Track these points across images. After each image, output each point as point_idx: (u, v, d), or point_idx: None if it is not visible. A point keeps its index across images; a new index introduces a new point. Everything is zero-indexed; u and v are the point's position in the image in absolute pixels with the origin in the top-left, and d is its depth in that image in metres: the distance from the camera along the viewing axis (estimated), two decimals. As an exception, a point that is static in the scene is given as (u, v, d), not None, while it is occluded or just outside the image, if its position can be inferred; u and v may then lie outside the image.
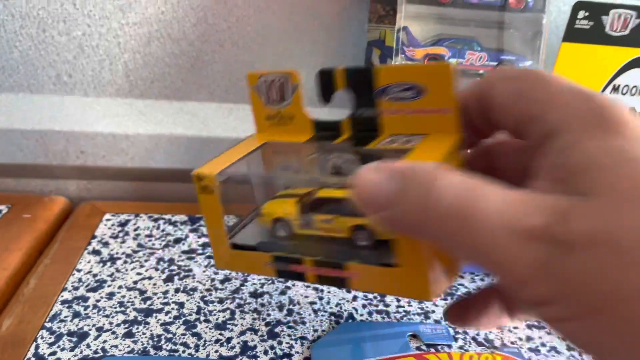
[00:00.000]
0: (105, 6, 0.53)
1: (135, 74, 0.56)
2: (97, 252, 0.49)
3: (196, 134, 0.57)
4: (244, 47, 0.56)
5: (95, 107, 0.57)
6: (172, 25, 0.55)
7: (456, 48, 0.46)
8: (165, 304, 0.43)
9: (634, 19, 0.47)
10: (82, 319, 0.41)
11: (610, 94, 0.50)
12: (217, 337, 0.40)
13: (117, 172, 0.59)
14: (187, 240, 0.52)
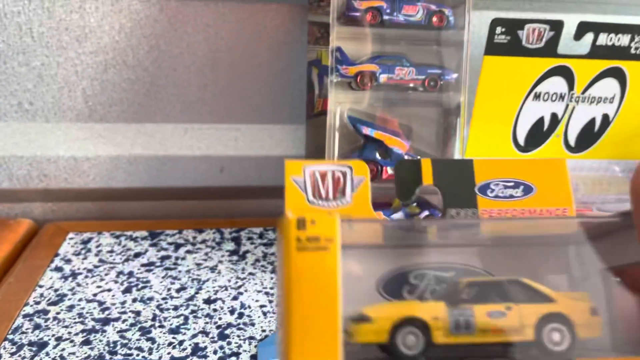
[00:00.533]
0: (62, 37, 0.57)
1: (94, 99, 0.60)
2: (60, 268, 0.52)
3: (154, 154, 0.61)
4: (196, 71, 0.60)
5: (56, 132, 0.60)
6: (127, 52, 0.58)
7: (386, 65, 0.50)
8: (122, 313, 0.46)
9: (547, 32, 0.51)
10: (43, 330, 0.43)
11: (533, 101, 0.55)
12: (171, 340, 0.43)
13: (79, 193, 0.62)
14: (146, 254, 0.55)
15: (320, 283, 0.19)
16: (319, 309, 0.19)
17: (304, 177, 0.24)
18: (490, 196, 0.24)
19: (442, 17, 0.50)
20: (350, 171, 0.24)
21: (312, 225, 0.19)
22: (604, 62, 0.54)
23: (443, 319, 0.21)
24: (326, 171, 0.24)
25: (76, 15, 0.56)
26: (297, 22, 0.58)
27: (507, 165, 0.25)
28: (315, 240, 0.19)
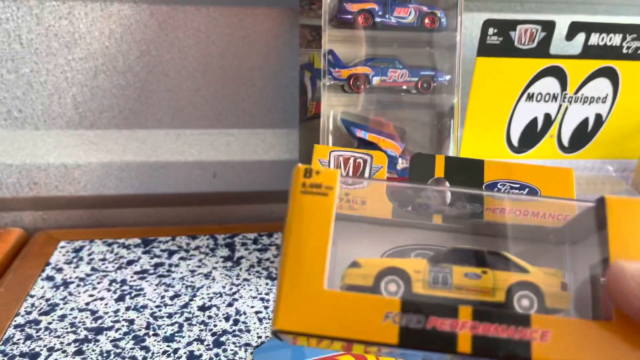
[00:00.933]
0: (51, 44, 0.56)
1: (84, 106, 0.59)
2: (51, 278, 0.51)
3: (145, 160, 0.60)
4: (188, 76, 0.59)
5: (46, 140, 0.59)
6: (117, 58, 0.58)
7: (379, 67, 0.50)
8: (115, 322, 0.45)
9: (539, 32, 0.51)
10: (34, 341, 0.43)
11: (526, 102, 0.55)
12: (165, 349, 0.42)
13: (70, 201, 0.61)
14: (139, 261, 0.54)
15: (317, 222, 0.22)
16: (313, 242, 0.22)
17: (329, 159, 0.28)
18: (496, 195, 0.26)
19: (434, 19, 0.50)
20: (371, 159, 0.28)
21: (316, 174, 0.22)
22: (596, 62, 0.54)
23: (423, 272, 0.24)
24: (349, 157, 0.28)
25: (65, 22, 0.55)
26: (289, 26, 0.58)
27: (515, 168, 0.26)
28: (317, 187, 0.22)
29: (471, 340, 0.21)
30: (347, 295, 0.21)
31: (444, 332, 0.21)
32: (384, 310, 0.21)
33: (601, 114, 0.57)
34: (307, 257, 0.22)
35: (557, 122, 0.56)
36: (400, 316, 0.21)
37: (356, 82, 0.49)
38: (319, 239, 0.22)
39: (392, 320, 0.21)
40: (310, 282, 0.21)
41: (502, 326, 0.21)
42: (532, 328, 0.21)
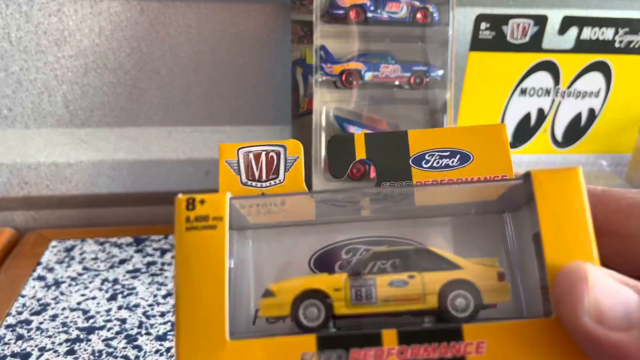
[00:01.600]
0: (40, 41, 0.55)
1: (75, 104, 0.58)
2: (42, 277, 0.50)
3: (137, 158, 0.60)
4: (179, 73, 0.59)
5: (37, 139, 0.59)
6: (108, 55, 0.57)
7: (371, 62, 0.50)
8: (107, 321, 0.45)
9: (532, 27, 0.51)
10: (26, 341, 0.42)
11: (519, 97, 0.55)
12: (158, 347, 0.42)
13: (62, 200, 0.61)
14: (131, 260, 0.54)
15: (208, 261, 0.19)
16: (207, 286, 0.19)
17: (237, 159, 0.25)
18: (425, 167, 0.24)
19: (426, 14, 0.50)
20: (284, 151, 0.25)
21: (200, 204, 0.20)
22: (588, 56, 0.54)
23: (344, 289, 0.21)
24: (260, 152, 0.25)
25: (55, 19, 0.55)
26: (280, 22, 0.58)
27: (443, 134, 0.24)
28: (204, 220, 0.19)
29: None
30: (254, 342, 0.19)
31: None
32: (298, 352, 0.19)
33: (594, 108, 0.57)
34: (203, 306, 0.19)
35: (550, 117, 0.56)
36: (317, 356, 0.19)
37: (348, 78, 0.49)
38: (213, 283, 0.19)
39: (310, 358, 0.19)
40: (211, 334, 0.19)
41: (432, 345, 0.19)
42: (465, 341, 0.19)
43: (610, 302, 0.17)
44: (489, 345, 0.19)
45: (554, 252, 0.19)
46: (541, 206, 0.20)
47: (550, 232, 0.19)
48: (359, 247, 0.25)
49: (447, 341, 0.19)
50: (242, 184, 0.24)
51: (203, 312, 0.19)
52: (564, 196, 0.20)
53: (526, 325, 0.19)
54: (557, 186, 0.20)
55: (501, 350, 0.19)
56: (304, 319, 0.21)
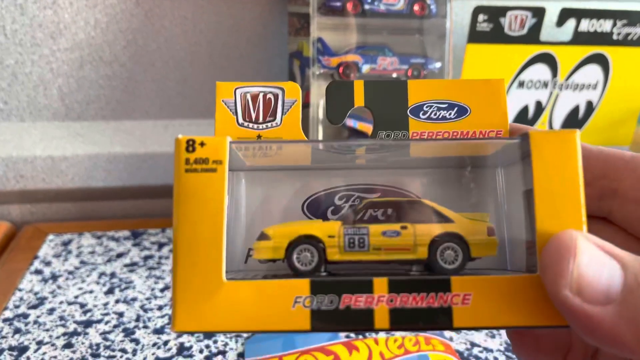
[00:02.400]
0: (35, 34, 0.55)
1: (70, 97, 0.58)
2: (39, 271, 0.50)
3: (134, 152, 0.59)
4: (175, 66, 0.58)
5: (32, 132, 0.58)
6: (103, 48, 0.57)
7: (369, 55, 0.49)
8: (105, 315, 0.45)
9: (530, 18, 0.51)
10: (23, 334, 0.42)
11: (517, 89, 0.54)
12: (155, 340, 0.42)
13: (58, 194, 0.61)
14: (129, 254, 0.53)
15: (207, 204, 0.19)
16: (205, 228, 0.19)
17: (234, 99, 0.24)
18: (422, 118, 0.24)
19: (423, 6, 0.49)
20: (282, 93, 0.24)
21: (201, 147, 0.19)
22: (586, 48, 0.54)
23: (338, 236, 0.22)
24: (258, 93, 0.24)
25: (50, 12, 0.55)
26: (277, 14, 0.57)
27: (442, 85, 0.24)
28: (203, 162, 0.19)
29: (389, 315, 0.20)
30: (250, 284, 0.20)
31: (359, 309, 0.20)
32: (292, 295, 0.20)
33: (592, 100, 0.56)
34: (200, 247, 0.19)
35: (548, 110, 0.56)
36: (310, 299, 0.19)
37: (346, 70, 0.49)
38: (212, 225, 0.19)
39: (303, 305, 0.20)
40: (208, 274, 0.19)
41: (421, 295, 0.20)
42: (452, 292, 0.20)
43: (594, 277, 0.17)
44: (474, 297, 0.20)
45: (545, 210, 0.20)
46: (536, 165, 0.20)
47: (542, 190, 0.20)
48: (352, 194, 0.25)
49: (435, 292, 0.20)
50: (238, 124, 0.24)
51: (200, 252, 0.19)
52: (560, 157, 0.20)
53: (511, 280, 0.20)
54: (554, 147, 0.20)
55: (486, 302, 0.19)
56: (297, 262, 0.22)
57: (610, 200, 0.21)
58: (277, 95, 0.24)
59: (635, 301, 0.16)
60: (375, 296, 0.20)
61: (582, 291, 0.17)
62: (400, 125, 0.24)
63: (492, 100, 0.23)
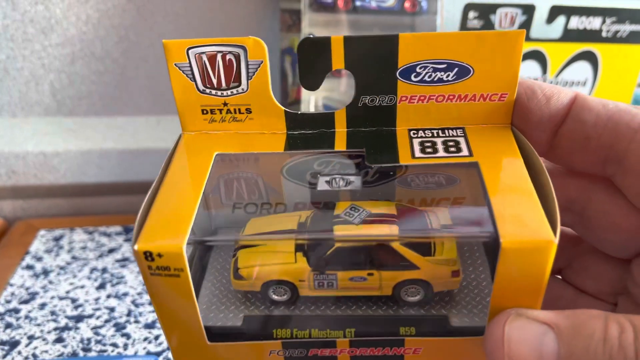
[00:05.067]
0: (27, 29, 0.55)
1: (62, 92, 0.58)
2: (31, 266, 0.50)
3: (126, 147, 0.59)
4: (167, 61, 0.58)
5: (24, 127, 0.58)
6: (95, 44, 0.57)
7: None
8: (96, 310, 0.45)
9: (520, 15, 0.51)
10: (14, 329, 0.42)
11: (507, 85, 0.55)
12: (146, 335, 0.42)
13: (50, 190, 0.61)
14: (120, 249, 0.54)
15: (177, 302, 0.19)
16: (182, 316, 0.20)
17: (189, 61, 0.21)
18: (414, 81, 0.21)
19: (414, 3, 0.50)
20: (245, 53, 0.21)
21: (159, 258, 0.18)
22: (576, 45, 0.54)
23: (308, 280, 0.22)
24: (215, 53, 0.21)
25: (41, 7, 0.54)
26: (269, 10, 0.57)
27: (443, 41, 0.20)
28: (165, 269, 0.18)
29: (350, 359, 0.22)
30: (230, 346, 0.21)
31: (325, 356, 0.21)
32: (267, 350, 0.21)
33: (581, 97, 0.57)
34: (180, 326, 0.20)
35: (537, 106, 0.56)
36: (283, 352, 0.21)
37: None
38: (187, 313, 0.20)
39: (277, 354, 0.21)
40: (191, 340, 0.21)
41: (377, 349, 0.21)
42: (405, 347, 0.21)
43: (527, 356, 0.17)
44: (424, 350, 0.21)
45: (500, 299, 0.19)
46: (500, 272, 0.18)
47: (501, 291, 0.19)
48: (332, 160, 0.24)
49: (390, 347, 0.21)
50: (199, 91, 0.22)
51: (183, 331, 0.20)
52: (527, 272, 0.18)
53: (460, 342, 0.21)
54: (524, 261, 0.18)
55: (434, 354, 0.21)
56: (273, 294, 0.23)
57: (615, 167, 0.20)
58: (239, 55, 0.21)
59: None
60: (338, 349, 0.21)
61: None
62: (387, 89, 0.21)
63: (503, 57, 0.20)
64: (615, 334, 0.16)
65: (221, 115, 0.22)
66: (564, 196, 0.22)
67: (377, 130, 0.22)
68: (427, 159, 0.21)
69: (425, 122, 0.22)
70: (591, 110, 0.20)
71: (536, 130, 0.21)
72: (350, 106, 0.22)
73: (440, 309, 0.23)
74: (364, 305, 0.23)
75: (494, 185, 0.19)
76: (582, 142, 0.20)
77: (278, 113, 0.22)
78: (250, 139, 0.23)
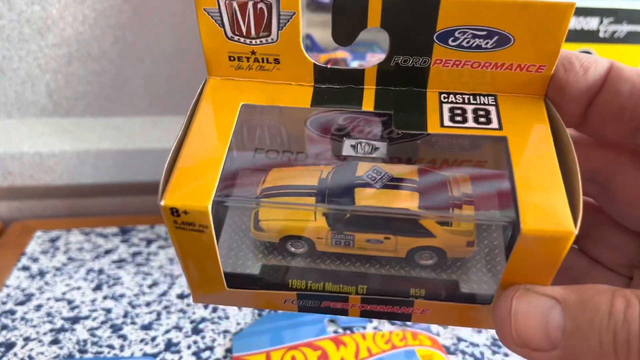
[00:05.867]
0: (23, 30, 0.55)
1: (59, 93, 0.58)
2: (27, 267, 0.50)
3: (122, 148, 0.59)
4: (164, 62, 0.58)
5: (20, 128, 0.58)
6: (92, 44, 0.56)
7: (357, 51, 0.50)
8: (92, 311, 0.45)
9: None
10: (10, 331, 0.42)
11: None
12: (143, 336, 0.42)
13: (46, 191, 0.60)
14: (117, 250, 0.53)
15: (200, 253, 0.20)
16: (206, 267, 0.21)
17: (218, 7, 0.21)
18: (451, 45, 0.20)
19: (412, 3, 0.49)
20: (277, 3, 0.20)
21: (185, 215, 0.19)
22: (573, 45, 0.54)
23: (326, 238, 0.23)
24: (246, 1, 0.21)
25: (37, 7, 0.54)
26: (266, 11, 0.57)
27: (487, 6, 0.19)
28: (191, 225, 0.19)
29: (360, 312, 0.22)
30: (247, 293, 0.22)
31: (336, 308, 0.22)
32: (282, 299, 0.22)
33: (579, 97, 0.57)
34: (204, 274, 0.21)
35: (535, 106, 0.56)
36: (297, 301, 0.22)
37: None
38: (210, 265, 0.21)
39: (291, 302, 0.22)
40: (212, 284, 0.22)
41: (387, 306, 0.22)
42: (414, 307, 0.22)
43: (534, 330, 0.18)
44: (431, 312, 0.22)
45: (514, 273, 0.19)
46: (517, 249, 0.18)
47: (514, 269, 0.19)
48: (357, 116, 0.24)
49: (400, 305, 0.22)
50: (227, 37, 0.22)
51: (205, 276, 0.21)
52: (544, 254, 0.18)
53: (465, 307, 0.21)
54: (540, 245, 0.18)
55: (439, 314, 0.22)
56: (291, 247, 0.24)
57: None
58: (271, 5, 0.20)
59: (574, 344, 0.17)
60: (349, 303, 0.22)
61: (526, 344, 0.18)
62: (423, 51, 0.21)
63: (547, 29, 0.19)
64: (621, 308, 0.16)
65: (248, 64, 0.22)
66: (589, 166, 0.22)
67: (407, 91, 0.22)
68: (456, 128, 0.20)
69: (457, 86, 0.22)
70: (627, 81, 0.20)
71: (572, 102, 0.21)
72: (382, 64, 0.21)
73: (451, 274, 0.23)
74: (378, 264, 0.24)
75: (521, 164, 0.19)
76: (615, 113, 0.20)
77: (307, 65, 0.22)
78: (277, 89, 0.22)
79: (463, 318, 0.22)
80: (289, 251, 0.24)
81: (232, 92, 0.22)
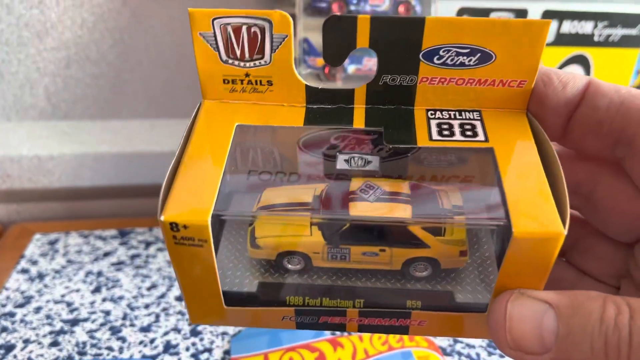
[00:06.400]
0: (22, 33, 0.55)
1: (57, 96, 0.58)
2: (26, 270, 0.50)
3: (120, 151, 0.59)
4: (162, 65, 0.59)
5: (19, 131, 0.58)
6: (90, 47, 0.57)
7: (354, 55, 0.50)
8: (91, 313, 0.45)
9: (512, 20, 0.52)
10: (10, 333, 0.42)
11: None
12: (142, 338, 0.42)
13: (45, 193, 0.61)
14: (116, 253, 0.54)
15: (199, 269, 0.20)
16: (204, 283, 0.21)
17: (213, 31, 0.22)
18: (436, 63, 0.21)
19: (408, 7, 0.50)
20: (270, 26, 0.21)
21: (184, 229, 0.19)
22: (568, 49, 0.54)
23: (322, 253, 0.24)
24: (240, 25, 0.21)
25: (36, 11, 0.55)
26: (264, 14, 0.58)
27: (469, 26, 0.20)
28: (190, 240, 0.19)
29: (357, 327, 0.23)
30: (245, 311, 0.22)
31: (334, 323, 0.23)
32: (280, 316, 0.22)
33: (574, 100, 0.57)
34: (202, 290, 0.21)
35: (530, 109, 0.57)
36: (295, 317, 0.22)
37: (331, 71, 0.50)
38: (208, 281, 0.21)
39: (289, 319, 0.23)
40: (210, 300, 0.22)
41: (385, 319, 0.22)
42: (411, 319, 0.22)
43: (528, 333, 0.18)
44: (428, 323, 0.22)
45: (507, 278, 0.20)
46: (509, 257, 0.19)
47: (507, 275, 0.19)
48: (348, 135, 0.24)
49: (397, 318, 0.22)
50: (222, 61, 0.22)
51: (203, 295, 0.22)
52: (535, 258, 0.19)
53: (461, 317, 0.22)
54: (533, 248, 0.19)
55: (436, 325, 0.22)
56: (288, 264, 0.24)
57: (624, 150, 0.21)
58: (264, 28, 0.21)
59: (567, 348, 0.18)
60: (347, 318, 0.22)
61: (520, 347, 0.19)
62: (410, 69, 0.21)
63: (526, 46, 0.20)
64: (612, 314, 0.17)
65: (242, 86, 0.23)
66: (572, 179, 0.23)
67: (396, 109, 0.23)
68: (445, 142, 0.21)
69: (443, 103, 0.23)
70: (604, 96, 0.21)
71: (552, 115, 0.22)
72: (371, 84, 0.22)
73: (445, 285, 0.24)
74: (373, 278, 0.24)
75: (508, 172, 0.20)
76: (594, 126, 0.21)
77: (299, 86, 0.23)
78: (270, 110, 0.23)
79: (459, 328, 0.22)
80: (285, 268, 0.24)
81: (226, 113, 0.23)
